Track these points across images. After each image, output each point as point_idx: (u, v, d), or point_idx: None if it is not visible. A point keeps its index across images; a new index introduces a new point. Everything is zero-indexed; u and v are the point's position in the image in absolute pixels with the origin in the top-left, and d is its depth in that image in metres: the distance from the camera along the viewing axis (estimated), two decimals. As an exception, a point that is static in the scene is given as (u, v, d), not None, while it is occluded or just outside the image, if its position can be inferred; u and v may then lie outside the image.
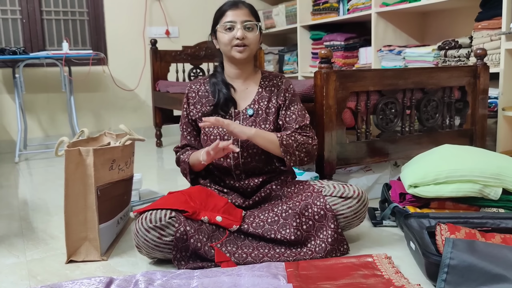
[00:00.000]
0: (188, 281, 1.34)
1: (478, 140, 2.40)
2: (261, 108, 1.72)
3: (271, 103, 1.73)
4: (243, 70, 1.75)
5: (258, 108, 1.73)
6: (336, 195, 1.59)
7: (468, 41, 2.77)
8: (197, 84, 1.81)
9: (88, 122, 4.11)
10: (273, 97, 1.74)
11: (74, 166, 1.58)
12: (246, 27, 1.67)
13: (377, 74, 2.07)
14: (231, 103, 1.73)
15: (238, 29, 1.66)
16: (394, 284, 1.31)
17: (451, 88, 2.30)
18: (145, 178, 2.55)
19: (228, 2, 1.70)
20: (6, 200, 2.44)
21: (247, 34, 1.67)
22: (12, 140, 3.84)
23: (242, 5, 1.68)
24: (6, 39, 3.90)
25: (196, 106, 1.77)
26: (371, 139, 2.10)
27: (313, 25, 4.04)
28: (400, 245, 1.65)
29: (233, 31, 1.66)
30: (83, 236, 1.60)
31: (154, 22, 4.37)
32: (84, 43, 4.19)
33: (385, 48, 3.30)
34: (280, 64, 4.58)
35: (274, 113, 1.72)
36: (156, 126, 3.85)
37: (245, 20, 1.66)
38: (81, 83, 4.02)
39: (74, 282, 1.36)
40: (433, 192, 1.76)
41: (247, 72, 1.76)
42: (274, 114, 1.72)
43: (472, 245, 1.29)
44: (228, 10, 1.68)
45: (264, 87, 1.76)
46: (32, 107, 3.93)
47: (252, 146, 1.69)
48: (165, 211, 1.48)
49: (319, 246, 1.52)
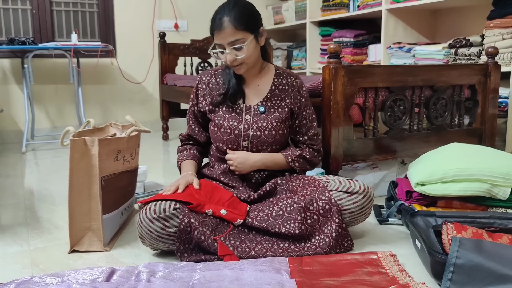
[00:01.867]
0: (190, 274, 1.34)
1: (488, 139, 2.36)
2: (273, 106, 1.72)
3: (285, 102, 1.73)
4: (250, 72, 1.73)
5: (270, 105, 1.72)
6: (341, 190, 1.58)
7: (479, 39, 2.74)
8: (207, 75, 1.79)
9: (95, 114, 4.12)
10: (287, 97, 1.74)
11: (79, 155, 1.58)
12: (234, 48, 1.61)
13: (386, 70, 2.04)
14: (239, 95, 1.72)
15: (226, 54, 1.62)
16: (399, 282, 1.30)
17: (461, 86, 2.27)
18: (150, 171, 2.55)
19: (213, 21, 1.63)
20: (12, 190, 2.44)
21: (237, 54, 1.61)
22: (19, 130, 3.86)
23: (226, 25, 1.58)
24: (16, 30, 3.91)
25: (206, 98, 1.76)
26: (378, 136, 2.08)
27: (323, 21, 4.01)
28: (405, 243, 1.63)
29: (224, 54, 1.63)
30: (86, 226, 1.60)
31: (163, 15, 4.36)
32: (93, 35, 4.20)
33: (394, 45, 3.26)
34: (288, 60, 4.56)
35: (287, 113, 1.73)
36: (163, 119, 3.84)
37: (231, 42, 1.60)
38: (89, 74, 4.02)
39: (76, 272, 1.35)
40: (440, 191, 1.74)
41: (255, 72, 1.74)
42: (287, 114, 1.72)
43: (479, 244, 1.27)
44: (215, 32, 1.62)
45: (278, 85, 1.75)
46: (40, 97, 3.94)
47: (261, 142, 1.69)
48: (170, 202, 1.47)
49: (323, 241, 1.51)
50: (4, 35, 3.85)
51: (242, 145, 1.70)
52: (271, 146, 1.72)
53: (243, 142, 1.70)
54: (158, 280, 1.30)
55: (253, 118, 1.70)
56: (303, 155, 1.74)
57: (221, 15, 1.60)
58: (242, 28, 1.60)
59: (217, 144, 1.75)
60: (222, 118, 1.71)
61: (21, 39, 3.37)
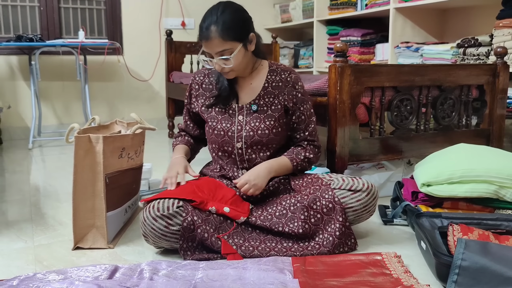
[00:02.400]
0: (193, 272, 1.33)
1: (495, 140, 2.34)
2: (266, 104, 1.68)
3: (278, 99, 1.68)
4: (242, 74, 1.69)
5: (263, 103, 1.68)
6: (345, 188, 1.57)
7: (488, 39, 2.71)
8: (200, 75, 1.77)
9: (101, 111, 4.13)
10: (280, 93, 1.69)
11: (84, 152, 1.58)
12: (221, 58, 1.58)
13: (393, 69, 2.02)
14: (232, 97, 1.69)
15: (215, 63, 1.60)
16: (403, 283, 1.28)
17: (469, 86, 2.25)
18: (155, 169, 2.55)
19: (201, 30, 1.58)
20: (18, 186, 2.46)
21: (225, 63, 1.58)
22: (26, 127, 3.88)
23: (212, 35, 1.54)
24: (24, 27, 3.92)
25: (198, 99, 1.74)
26: (384, 136, 2.06)
27: (330, 20, 4.00)
28: (410, 244, 1.62)
29: (212, 62, 1.61)
30: (90, 223, 1.60)
31: (170, 13, 4.36)
32: (100, 32, 4.20)
33: (402, 44, 3.24)
34: (295, 59, 4.55)
35: (281, 110, 1.68)
36: (169, 117, 3.84)
37: (219, 52, 1.57)
38: (96, 72, 4.03)
39: (79, 269, 1.35)
40: (446, 192, 1.72)
41: (247, 73, 1.70)
42: (281, 111, 1.68)
43: (485, 246, 1.25)
44: (202, 41, 1.59)
45: (271, 82, 1.70)
46: (47, 94, 3.96)
47: (255, 143, 1.66)
48: (173, 200, 1.47)
49: (326, 240, 1.50)
50: (12, 32, 3.87)
51: (236, 147, 1.66)
52: (267, 146, 1.67)
53: (236, 143, 1.66)
54: (161, 278, 1.29)
55: (246, 118, 1.67)
56: (307, 156, 1.71)
57: (209, 23, 1.55)
58: (229, 38, 1.55)
59: (212, 145, 1.72)
60: (215, 120, 1.68)
61: (28, 36, 3.38)
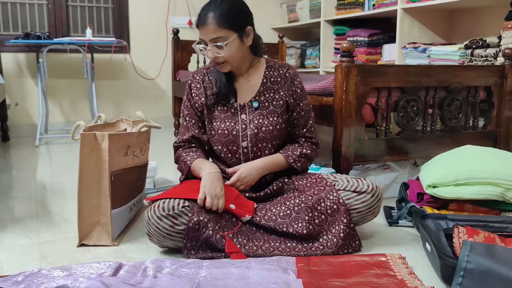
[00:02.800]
0: (197, 271, 1.33)
1: (502, 142, 2.32)
2: (267, 100, 1.68)
3: (279, 95, 1.68)
4: (238, 70, 1.68)
5: (264, 99, 1.68)
6: (349, 190, 1.56)
7: (496, 40, 2.69)
8: (200, 74, 1.73)
9: (108, 109, 4.14)
10: (280, 88, 1.68)
11: (89, 150, 1.58)
12: (215, 45, 1.57)
13: (400, 70, 2.01)
14: (231, 94, 1.68)
15: (208, 50, 1.59)
16: (407, 285, 1.28)
17: (476, 88, 2.24)
18: (161, 167, 2.56)
19: (199, 16, 1.59)
20: (25, 183, 2.47)
21: (218, 51, 1.57)
22: (33, 124, 3.90)
23: (208, 21, 1.54)
24: (32, 24, 3.94)
25: (200, 97, 1.69)
26: (390, 136, 2.06)
27: (337, 20, 3.98)
28: (415, 245, 1.61)
29: (206, 50, 1.60)
30: (95, 221, 1.61)
31: (178, 12, 4.37)
32: (108, 30, 4.22)
33: (409, 45, 3.22)
34: (302, 59, 4.54)
35: (283, 106, 1.68)
36: (175, 116, 3.85)
37: (213, 39, 1.56)
38: (103, 70, 4.05)
39: (83, 266, 1.36)
40: (452, 193, 1.71)
41: (243, 70, 1.69)
42: (283, 107, 1.68)
43: (491, 249, 1.24)
44: (199, 27, 1.59)
45: (269, 78, 1.70)
46: (54, 92, 3.98)
47: (260, 140, 1.66)
48: (179, 200, 1.47)
49: (330, 241, 1.50)
50: (20, 29, 3.89)
51: (242, 146, 1.66)
52: (271, 142, 1.67)
53: (242, 142, 1.65)
54: (165, 276, 1.29)
55: (249, 116, 1.66)
56: (304, 152, 1.69)
57: (207, 10, 1.56)
58: (225, 26, 1.55)
59: (216, 147, 1.69)
60: (218, 119, 1.66)
61: (36, 34, 3.40)
